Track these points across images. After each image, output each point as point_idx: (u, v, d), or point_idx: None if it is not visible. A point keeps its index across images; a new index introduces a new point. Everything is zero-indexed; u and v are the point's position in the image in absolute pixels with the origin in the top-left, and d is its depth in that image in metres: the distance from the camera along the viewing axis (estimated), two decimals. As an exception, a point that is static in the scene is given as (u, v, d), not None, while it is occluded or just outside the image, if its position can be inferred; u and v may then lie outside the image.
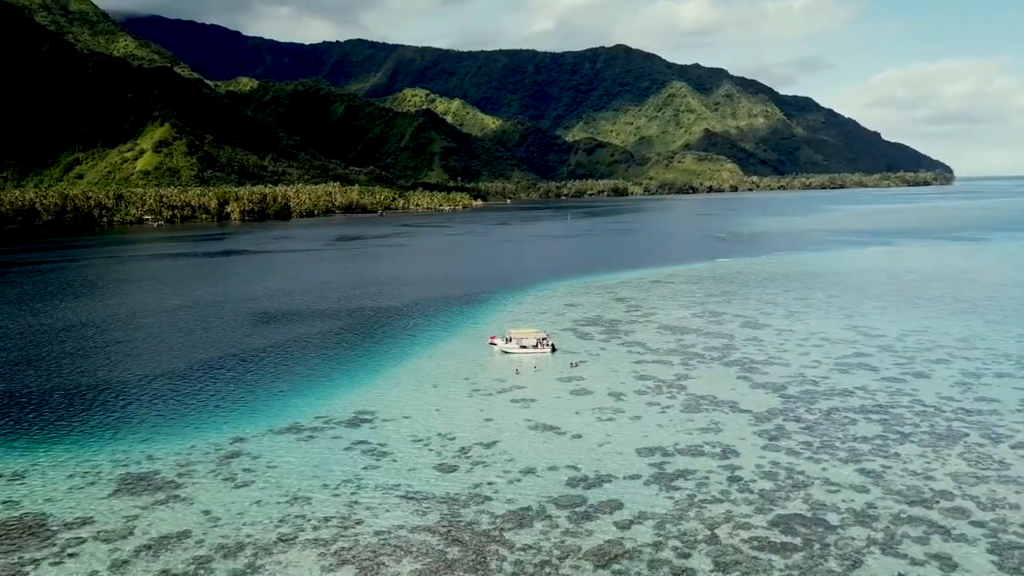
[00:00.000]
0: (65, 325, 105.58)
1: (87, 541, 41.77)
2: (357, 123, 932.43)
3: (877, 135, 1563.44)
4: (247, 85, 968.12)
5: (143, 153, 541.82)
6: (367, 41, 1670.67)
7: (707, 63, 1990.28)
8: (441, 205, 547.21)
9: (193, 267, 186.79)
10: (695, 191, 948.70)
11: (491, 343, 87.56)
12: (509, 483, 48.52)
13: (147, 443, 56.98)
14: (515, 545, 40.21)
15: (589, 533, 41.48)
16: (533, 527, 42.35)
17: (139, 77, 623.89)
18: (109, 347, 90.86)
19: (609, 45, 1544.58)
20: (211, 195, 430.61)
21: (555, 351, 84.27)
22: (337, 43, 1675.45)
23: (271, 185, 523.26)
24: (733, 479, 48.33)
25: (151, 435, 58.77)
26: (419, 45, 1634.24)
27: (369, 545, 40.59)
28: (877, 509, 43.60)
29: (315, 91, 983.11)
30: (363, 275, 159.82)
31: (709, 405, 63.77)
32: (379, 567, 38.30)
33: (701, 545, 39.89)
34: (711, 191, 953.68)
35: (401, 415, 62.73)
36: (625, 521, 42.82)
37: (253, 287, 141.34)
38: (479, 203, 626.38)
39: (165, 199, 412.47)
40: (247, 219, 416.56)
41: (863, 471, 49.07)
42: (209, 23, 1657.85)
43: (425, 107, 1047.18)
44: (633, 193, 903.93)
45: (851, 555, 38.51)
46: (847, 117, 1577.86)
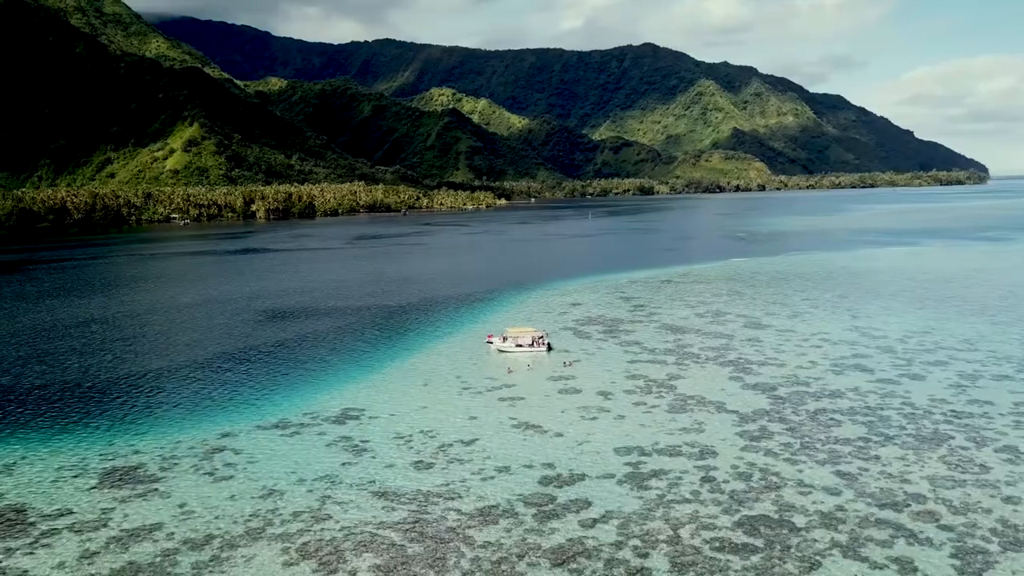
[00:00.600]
0: (75, 322, 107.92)
1: (62, 532, 42.83)
2: (384, 122, 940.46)
3: (910, 133, 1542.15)
4: (276, 85, 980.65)
5: (173, 152, 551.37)
6: (395, 41, 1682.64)
7: (736, 61, 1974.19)
8: (464, 204, 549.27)
9: (211, 265, 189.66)
10: (722, 190, 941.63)
11: (488, 342, 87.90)
12: (482, 480, 48.80)
13: (136, 437, 58.21)
14: (476, 542, 40.47)
15: (552, 532, 41.61)
16: (498, 524, 42.58)
17: (170, 77, 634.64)
18: (114, 343, 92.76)
19: (637, 44, 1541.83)
20: (237, 194, 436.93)
21: (551, 350, 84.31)
22: (365, 43, 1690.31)
23: (297, 184, 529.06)
24: (706, 479, 48.14)
25: (141, 429, 60.04)
26: (447, 44, 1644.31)
27: (333, 540, 41.13)
28: (846, 512, 43.13)
29: (343, 91, 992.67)
30: (374, 273, 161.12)
31: (696, 405, 63.43)
32: (339, 562, 38.81)
33: (662, 545, 39.82)
34: (738, 190, 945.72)
35: (388, 412, 63.29)
36: (590, 520, 42.87)
37: (265, 285, 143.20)
38: (503, 202, 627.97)
39: (192, 198, 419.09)
40: (272, 218, 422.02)
41: (839, 473, 48.56)
42: (240, 24, 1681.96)
43: (452, 106, 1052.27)
44: (659, 192, 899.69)
45: (811, 557, 38.20)
46: (879, 115, 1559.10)
